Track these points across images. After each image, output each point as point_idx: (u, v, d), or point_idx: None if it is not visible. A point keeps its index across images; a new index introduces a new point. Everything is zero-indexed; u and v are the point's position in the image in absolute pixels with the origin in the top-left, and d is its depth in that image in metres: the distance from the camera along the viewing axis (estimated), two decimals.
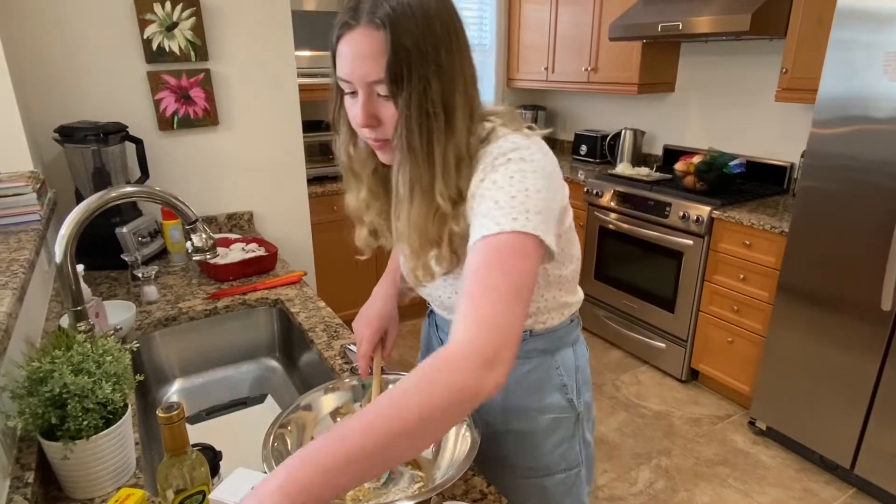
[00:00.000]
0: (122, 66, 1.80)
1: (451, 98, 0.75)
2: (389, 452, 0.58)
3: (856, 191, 1.95)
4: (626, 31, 2.87)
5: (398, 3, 0.70)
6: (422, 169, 0.77)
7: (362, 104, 0.75)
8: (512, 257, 0.68)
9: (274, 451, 0.84)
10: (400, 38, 0.70)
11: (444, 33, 0.73)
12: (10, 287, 0.89)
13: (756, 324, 2.44)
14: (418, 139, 0.74)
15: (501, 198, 0.71)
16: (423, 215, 0.79)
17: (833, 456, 2.17)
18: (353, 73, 0.74)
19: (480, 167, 0.77)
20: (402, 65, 0.71)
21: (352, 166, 0.89)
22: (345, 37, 0.73)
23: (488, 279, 0.67)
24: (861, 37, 1.86)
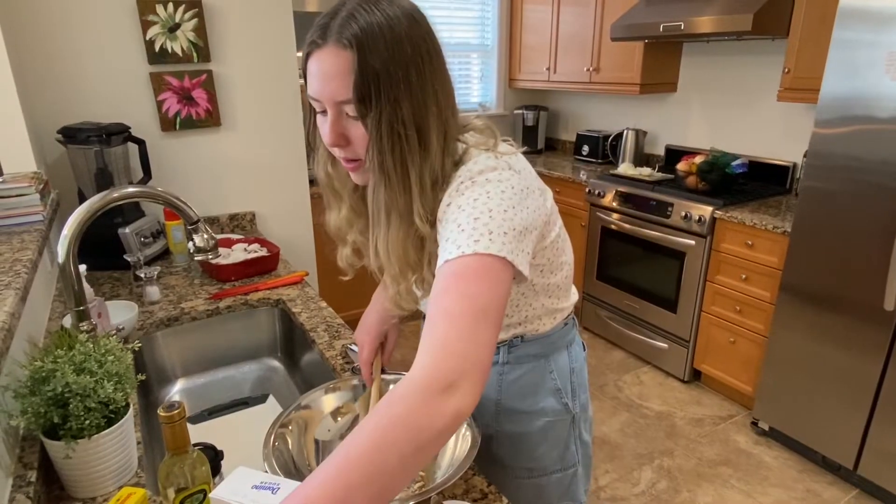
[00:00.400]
0: (124, 68, 1.81)
1: (423, 119, 0.74)
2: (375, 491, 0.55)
3: (858, 191, 1.94)
4: (627, 31, 2.87)
5: (367, 24, 0.69)
6: (397, 192, 0.76)
7: (331, 123, 0.75)
8: (474, 280, 0.66)
9: (275, 451, 0.84)
10: (367, 59, 0.69)
11: (415, 55, 0.72)
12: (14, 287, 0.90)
13: (758, 324, 2.43)
14: (391, 160, 0.74)
15: (464, 221, 0.70)
16: (402, 239, 0.78)
17: (836, 456, 2.17)
18: (321, 92, 0.73)
19: (447, 191, 0.76)
20: (370, 85, 0.70)
21: (332, 184, 0.89)
22: (313, 55, 0.73)
23: (448, 304, 0.64)
24: (864, 36, 1.86)
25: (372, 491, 0.55)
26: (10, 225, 1.25)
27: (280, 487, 0.66)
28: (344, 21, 0.70)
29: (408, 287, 0.82)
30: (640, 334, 2.98)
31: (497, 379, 0.96)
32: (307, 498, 0.54)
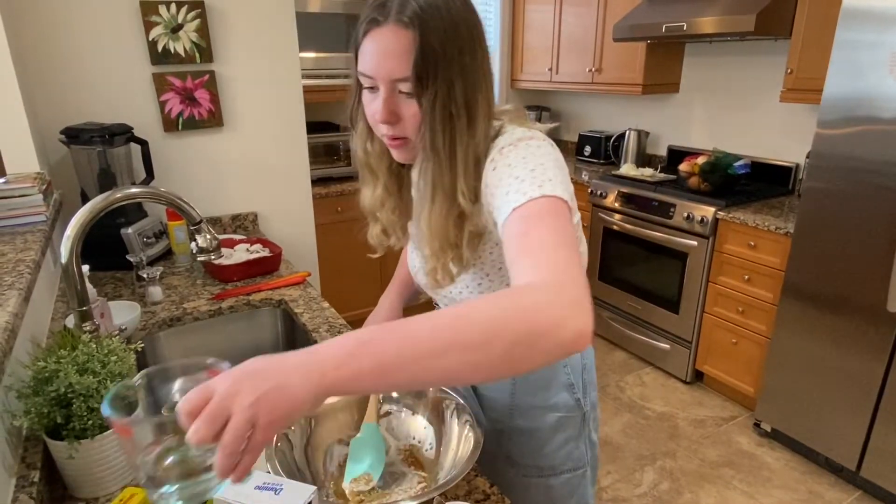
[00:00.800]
0: (127, 68, 1.81)
1: (473, 100, 0.76)
2: (441, 365, 0.52)
3: (861, 191, 1.94)
4: (630, 31, 2.87)
5: (427, 4, 0.71)
6: (444, 170, 0.78)
7: (384, 100, 0.76)
8: (550, 216, 0.66)
9: (277, 452, 0.84)
10: (428, 38, 0.71)
11: (469, 37, 0.75)
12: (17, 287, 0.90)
13: (761, 325, 2.43)
14: (441, 140, 0.76)
15: (520, 173, 0.71)
16: (444, 216, 0.80)
17: (838, 458, 2.16)
18: (377, 70, 0.74)
19: (489, 158, 0.78)
20: (429, 65, 0.72)
21: (368, 162, 0.90)
22: (371, 32, 0.74)
23: (536, 237, 0.64)
24: (867, 37, 1.85)
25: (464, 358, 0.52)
26: (14, 225, 1.25)
27: (283, 488, 0.66)
28: (404, 0, 0.71)
29: (445, 263, 0.83)
30: (643, 335, 2.98)
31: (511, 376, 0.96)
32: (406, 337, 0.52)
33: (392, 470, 0.91)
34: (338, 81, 3.09)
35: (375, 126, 0.81)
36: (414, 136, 0.78)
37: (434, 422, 0.97)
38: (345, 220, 3.09)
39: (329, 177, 3.18)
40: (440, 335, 0.52)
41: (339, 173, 3.20)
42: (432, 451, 0.94)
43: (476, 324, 0.53)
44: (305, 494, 0.65)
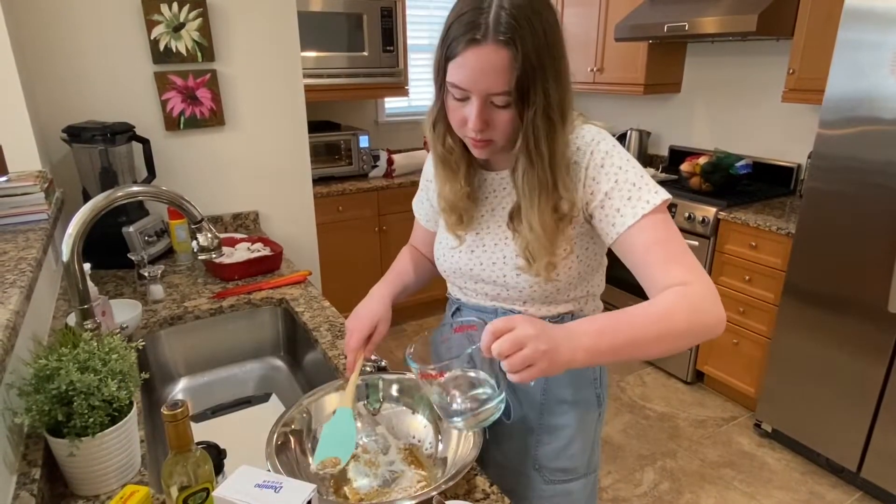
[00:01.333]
0: (129, 67, 1.82)
1: (567, 98, 0.81)
2: (653, 348, 0.75)
3: (863, 192, 1.94)
4: (631, 31, 2.86)
5: (518, 15, 0.73)
6: (547, 172, 0.82)
7: (478, 111, 0.79)
8: (671, 223, 0.82)
9: (277, 450, 0.84)
10: (527, 54, 0.74)
11: (557, 41, 0.77)
12: (18, 285, 0.90)
13: (762, 325, 2.43)
14: (545, 145, 0.80)
15: (634, 178, 0.82)
16: (549, 214, 0.84)
17: (839, 459, 2.16)
18: (474, 85, 0.77)
19: (584, 151, 0.84)
20: (529, 80, 0.75)
21: (449, 159, 0.93)
22: (470, 50, 0.75)
23: (676, 245, 0.80)
24: (869, 37, 1.85)
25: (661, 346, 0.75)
26: (15, 223, 1.25)
27: (283, 486, 0.66)
28: (498, 15, 0.73)
29: (555, 254, 0.87)
30: None
31: None
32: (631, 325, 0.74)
33: (392, 469, 0.92)
34: (339, 81, 3.09)
35: (460, 129, 0.84)
36: (502, 140, 0.83)
37: (434, 421, 0.97)
38: (346, 220, 3.09)
39: (330, 176, 3.18)
40: (657, 328, 0.74)
41: (341, 172, 3.21)
42: (432, 451, 0.94)
43: (679, 321, 0.74)
44: (305, 492, 0.65)
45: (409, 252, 1.20)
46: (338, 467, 0.87)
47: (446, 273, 1.04)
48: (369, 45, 3.11)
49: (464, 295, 1.04)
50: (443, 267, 1.04)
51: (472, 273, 0.98)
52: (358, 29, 3.06)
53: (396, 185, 3.20)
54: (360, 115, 3.63)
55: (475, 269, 0.97)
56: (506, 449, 1.03)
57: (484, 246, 0.95)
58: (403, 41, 3.21)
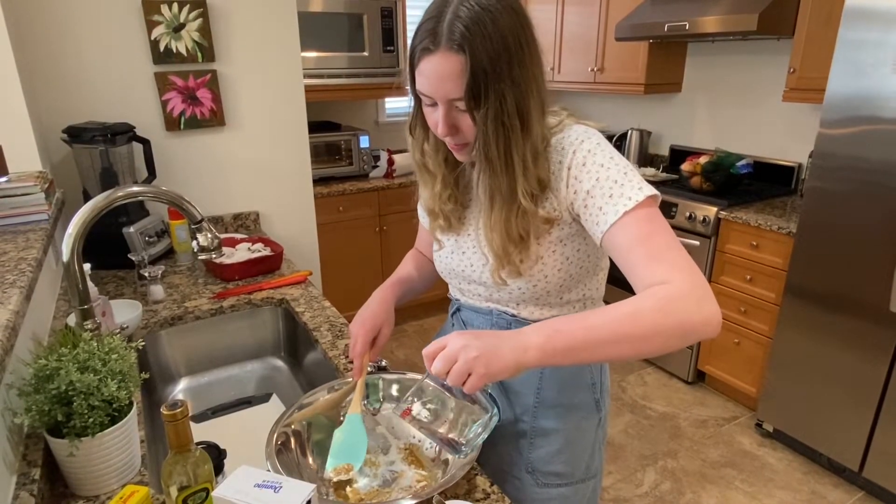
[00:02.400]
0: (129, 67, 1.82)
1: (525, 106, 0.79)
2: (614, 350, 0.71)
3: (864, 191, 1.93)
4: (632, 30, 2.86)
5: (472, 22, 0.73)
6: (500, 177, 0.82)
7: (443, 117, 0.80)
8: (657, 217, 0.78)
9: (277, 450, 0.84)
10: (478, 59, 0.74)
11: (517, 46, 0.77)
12: (18, 285, 0.90)
13: (763, 325, 2.42)
14: (495, 149, 0.80)
15: (616, 175, 0.79)
16: (505, 218, 0.84)
17: (841, 459, 2.15)
18: (434, 92, 0.79)
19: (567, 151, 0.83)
20: (480, 84, 0.75)
21: (425, 163, 0.94)
22: (425, 59, 0.77)
23: (660, 241, 0.76)
24: (870, 36, 1.85)
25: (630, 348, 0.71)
26: (16, 224, 1.25)
27: (282, 486, 0.66)
28: (451, 23, 0.74)
29: (511, 260, 0.87)
30: None
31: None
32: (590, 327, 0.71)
33: (392, 468, 0.91)
34: (339, 81, 3.09)
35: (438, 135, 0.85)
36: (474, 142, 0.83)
37: None
38: (346, 220, 3.09)
39: (331, 176, 3.18)
40: (617, 329, 0.71)
41: (341, 173, 3.21)
42: (432, 450, 0.94)
43: (644, 322, 0.70)
44: (305, 492, 0.65)
45: (412, 255, 1.21)
46: (351, 473, 0.87)
47: (442, 274, 1.05)
48: (370, 46, 3.11)
49: (462, 295, 1.04)
50: (439, 268, 1.05)
51: (464, 274, 0.98)
52: (358, 29, 3.06)
53: (397, 185, 3.20)
54: (360, 116, 3.64)
55: (465, 270, 0.97)
56: (500, 451, 1.02)
57: (473, 248, 0.95)
58: (404, 41, 3.21)
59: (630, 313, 0.71)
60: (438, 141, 0.90)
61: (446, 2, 0.76)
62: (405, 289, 1.13)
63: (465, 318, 1.05)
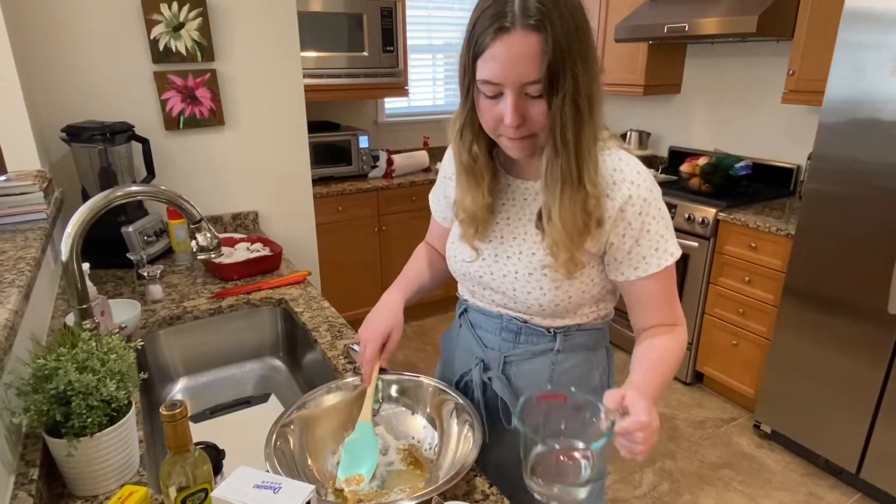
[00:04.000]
0: (128, 66, 1.81)
1: (594, 87, 0.77)
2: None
3: (863, 193, 1.94)
4: (631, 32, 2.86)
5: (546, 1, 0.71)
6: (572, 162, 0.79)
7: (513, 105, 0.76)
8: (674, 272, 0.90)
9: (276, 450, 0.84)
10: (557, 37, 0.71)
11: (584, 25, 0.75)
12: (17, 285, 0.90)
13: (761, 326, 2.42)
14: (571, 134, 0.77)
15: (662, 230, 0.86)
16: (573, 206, 0.82)
17: (839, 460, 2.16)
18: (507, 76, 0.74)
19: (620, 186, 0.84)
20: (559, 64, 0.72)
21: (474, 167, 0.90)
22: (499, 40, 0.73)
23: (673, 294, 0.91)
24: (869, 38, 1.85)
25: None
26: (14, 223, 1.25)
27: (282, 487, 0.65)
28: (525, 2, 0.71)
29: (573, 254, 0.85)
30: None
31: (549, 369, 0.97)
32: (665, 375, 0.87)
33: (391, 469, 0.91)
34: (339, 81, 3.09)
35: (495, 129, 0.81)
36: (541, 132, 0.80)
37: (433, 421, 0.97)
38: (345, 220, 3.09)
39: (330, 176, 3.18)
40: (672, 371, 0.89)
41: (340, 173, 3.20)
42: (431, 451, 0.94)
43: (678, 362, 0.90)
44: (304, 493, 0.65)
45: (425, 251, 1.18)
46: (362, 484, 0.86)
47: (456, 274, 1.04)
48: (369, 46, 3.11)
49: (472, 297, 1.03)
50: (453, 268, 1.03)
51: (483, 280, 0.97)
52: (358, 29, 3.06)
53: (396, 185, 3.20)
54: (359, 116, 3.63)
55: (485, 277, 0.96)
56: (505, 451, 1.02)
57: (496, 257, 0.94)
58: (403, 41, 3.21)
59: (674, 355, 0.89)
60: (489, 143, 0.88)
61: None
62: (415, 288, 1.11)
63: (473, 319, 1.05)
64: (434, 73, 3.86)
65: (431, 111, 3.88)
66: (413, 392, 1.01)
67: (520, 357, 0.98)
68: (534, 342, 0.96)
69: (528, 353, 0.97)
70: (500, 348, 1.00)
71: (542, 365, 0.97)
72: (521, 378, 0.99)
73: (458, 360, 1.10)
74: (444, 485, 0.77)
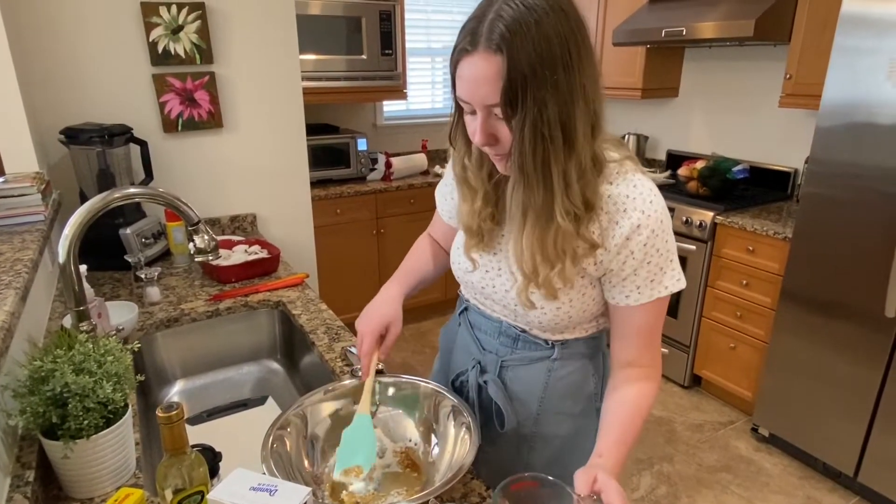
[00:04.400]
0: (127, 69, 1.82)
1: (569, 117, 0.73)
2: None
3: (859, 197, 1.94)
4: (629, 36, 2.87)
5: (514, 22, 0.69)
6: (535, 192, 0.77)
7: (480, 125, 0.76)
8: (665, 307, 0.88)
9: (273, 453, 0.84)
10: (516, 63, 0.69)
11: (563, 52, 0.71)
12: (14, 286, 0.90)
13: (759, 330, 2.43)
14: (531, 162, 0.74)
15: (663, 263, 0.83)
16: (540, 237, 0.80)
17: (836, 463, 2.16)
18: (472, 97, 0.74)
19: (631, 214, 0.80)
20: (517, 89, 0.70)
21: (466, 177, 0.89)
22: (463, 60, 0.73)
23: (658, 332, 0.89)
24: (865, 43, 1.86)
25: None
26: (12, 225, 1.25)
27: (278, 489, 0.65)
28: (492, 23, 0.70)
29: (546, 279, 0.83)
30: None
31: (545, 375, 0.97)
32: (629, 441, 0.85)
33: (388, 472, 0.91)
34: (338, 84, 3.09)
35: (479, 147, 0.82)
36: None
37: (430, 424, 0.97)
38: (344, 222, 3.09)
39: (328, 179, 3.18)
40: (639, 431, 0.87)
41: (339, 175, 3.21)
42: (428, 454, 0.94)
43: (646, 418, 0.89)
44: (300, 495, 0.65)
45: (428, 243, 1.16)
46: (361, 476, 0.86)
47: (459, 278, 1.04)
48: (368, 49, 3.12)
49: (473, 300, 1.04)
50: (456, 273, 1.03)
51: (484, 291, 0.97)
52: (357, 32, 3.07)
53: (394, 188, 3.20)
54: (358, 118, 3.64)
55: (486, 288, 0.96)
56: (500, 451, 1.02)
57: (499, 269, 0.93)
58: (402, 45, 3.22)
59: (642, 418, 0.88)
60: (482, 155, 0.86)
61: (491, 2, 0.72)
62: (415, 281, 1.10)
63: (473, 320, 1.05)
64: (433, 76, 3.87)
65: (430, 114, 3.89)
66: (410, 394, 1.01)
67: (516, 362, 0.98)
68: (531, 349, 0.96)
69: (525, 359, 0.97)
70: (497, 352, 0.99)
71: (538, 372, 0.97)
72: (517, 383, 0.99)
73: (456, 358, 1.10)
74: (441, 487, 0.77)
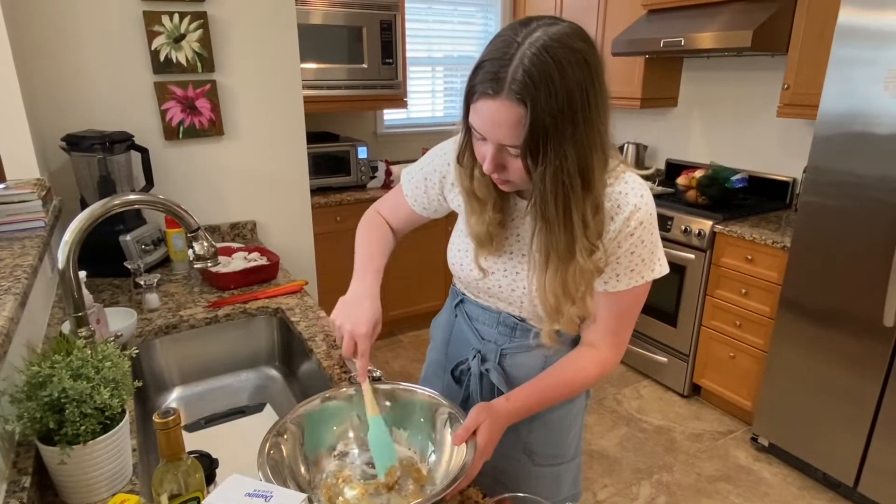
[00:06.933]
0: (129, 77, 1.83)
1: (588, 163, 0.75)
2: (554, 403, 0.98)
3: (858, 206, 1.95)
4: (628, 46, 2.89)
5: (539, 74, 0.69)
6: (558, 235, 0.78)
7: (491, 156, 0.77)
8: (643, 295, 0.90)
9: (269, 459, 0.84)
10: (539, 116, 0.69)
11: (583, 102, 0.72)
12: (13, 292, 0.90)
13: (758, 339, 2.43)
14: (553, 209, 0.76)
15: (646, 254, 0.86)
16: (562, 279, 0.82)
17: (836, 474, 2.15)
18: (488, 133, 0.75)
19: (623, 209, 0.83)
20: (538, 142, 0.71)
21: (474, 190, 0.90)
22: (483, 101, 0.73)
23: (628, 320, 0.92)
24: (862, 53, 1.87)
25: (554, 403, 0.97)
26: (12, 231, 1.26)
27: (273, 495, 0.65)
28: (515, 71, 0.70)
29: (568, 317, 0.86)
30: (640, 348, 2.98)
31: (542, 361, 1.01)
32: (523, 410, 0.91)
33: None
34: (338, 92, 3.11)
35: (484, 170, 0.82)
36: (520, 182, 0.80)
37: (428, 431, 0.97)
38: (343, 230, 3.09)
39: (329, 186, 3.19)
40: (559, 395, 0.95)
41: (339, 183, 3.22)
42: (426, 461, 0.94)
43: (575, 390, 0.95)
44: (296, 502, 0.65)
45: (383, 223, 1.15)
46: (397, 474, 0.90)
47: (458, 278, 1.05)
48: (369, 58, 3.14)
49: (470, 293, 1.06)
50: (458, 274, 1.03)
51: (489, 290, 0.99)
52: (357, 41, 3.09)
53: None
54: (358, 127, 3.66)
55: (492, 288, 0.98)
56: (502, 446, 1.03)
57: (505, 271, 0.95)
58: (402, 54, 3.24)
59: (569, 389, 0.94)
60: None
61: (512, 43, 0.71)
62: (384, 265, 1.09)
63: (470, 312, 1.07)
64: (433, 85, 3.89)
65: (430, 122, 3.91)
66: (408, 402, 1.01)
67: (515, 350, 1.02)
68: (529, 336, 1.00)
69: (523, 346, 1.01)
70: (496, 341, 1.03)
71: (535, 358, 1.01)
72: (516, 369, 1.03)
73: (453, 349, 1.13)
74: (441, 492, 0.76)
